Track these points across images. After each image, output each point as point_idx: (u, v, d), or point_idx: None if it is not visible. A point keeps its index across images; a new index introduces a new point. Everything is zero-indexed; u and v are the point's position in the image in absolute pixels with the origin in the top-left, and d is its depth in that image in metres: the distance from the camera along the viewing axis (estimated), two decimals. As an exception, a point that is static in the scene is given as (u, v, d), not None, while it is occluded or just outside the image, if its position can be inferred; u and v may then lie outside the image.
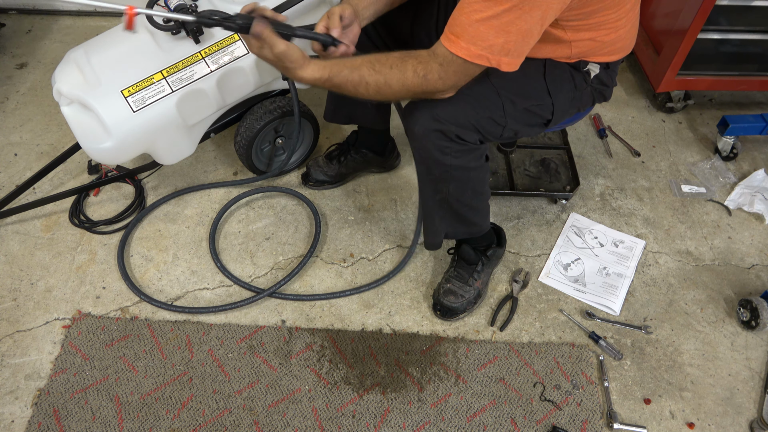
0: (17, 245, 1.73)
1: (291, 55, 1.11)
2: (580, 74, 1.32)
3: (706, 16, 1.80)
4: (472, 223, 1.49)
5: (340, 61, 1.16)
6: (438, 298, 1.58)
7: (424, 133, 1.23)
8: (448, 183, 1.34)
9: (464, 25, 1.05)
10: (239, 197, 1.84)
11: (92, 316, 1.57)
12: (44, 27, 2.50)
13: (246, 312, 1.60)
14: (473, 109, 1.23)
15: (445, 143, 1.24)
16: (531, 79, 1.28)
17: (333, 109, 1.71)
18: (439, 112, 1.21)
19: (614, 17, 1.20)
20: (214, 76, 1.55)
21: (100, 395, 1.43)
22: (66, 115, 1.49)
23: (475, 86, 1.20)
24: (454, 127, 1.22)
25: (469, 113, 1.23)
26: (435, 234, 1.51)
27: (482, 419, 1.42)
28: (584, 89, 1.34)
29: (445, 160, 1.27)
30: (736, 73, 2.03)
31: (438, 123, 1.21)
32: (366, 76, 1.13)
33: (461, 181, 1.34)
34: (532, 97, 1.29)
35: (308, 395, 1.44)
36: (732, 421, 1.42)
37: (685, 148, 2.08)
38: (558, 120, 1.37)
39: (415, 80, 1.11)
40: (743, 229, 1.83)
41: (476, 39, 1.04)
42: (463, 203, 1.40)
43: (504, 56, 1.07)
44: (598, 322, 1.59)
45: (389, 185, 1.93)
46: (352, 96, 1.17)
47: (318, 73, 1.14)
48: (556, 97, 1.31)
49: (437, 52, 1.10)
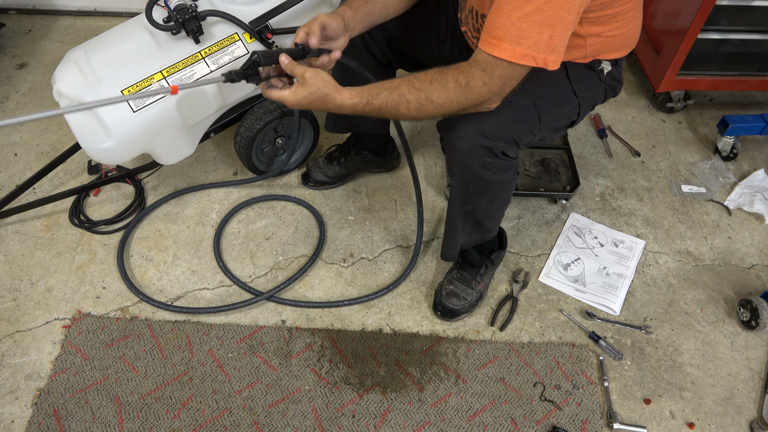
0: (17, 245, 1.73)
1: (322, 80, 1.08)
2: (594, 73, 1.32)
3: (706, 16, 1.80)
4: (489, 230, 1.49)
5: (376, 83, 1.12)
6: (440, 300, 1.58)
7: (470, 150, 1.19)
8: (481, 196, 1.32)
9: (505, 26, 1.01)
10: (246, 203, 1.84)
11: (92, 316, 1.57)
12: (44, 27, 2.50)
13: (246, 312, 1.60)
14: (516, 122, 1.21)
15: (489, 159, 1.21)
16: (559, 82, 1.27)
17: (334, 120, 1.71)
18: (487, 128, 1.17)
19: (627, 8, 1.19)
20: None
21: (100, 395, 1.43)
22: (66, 115, 1.49)
23: (515, 98, 1.17)
24: (502, 144, 1.19)
25: (513, 126, 1.20)
26: (454, 246, 1.50)
27: (482, 419, 1.42)
28: (599, 87, 1.35)
29: (486, 175, 1.24)
30: (736, 73, 2.03)
31: (485, 139, 1.17)
32: (406, 95, 1.09)
33: (494, 195, 1.33)
34: (563, 101, 1.29)
35: (308, 395, 1.44)
36: (732, 421, 1.42)
37: (685, 148, 2.08)
38: (579, 120, 1.38)
39: (457, 91, 1.07)
40: (743, 229, 1.83)
41: (520, 38, 1.00)
42: (488, 214, 1.40)
43: (550, 53, 1.03)
44: (598, 322, 1.59)
45: (389, 185, 1.93)
46: (393, 118, 1.12)
47: (356, 97, 1.10)
48: (582, 97, 1.31)
49: (478, 59, 1.06)
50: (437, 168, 1.98)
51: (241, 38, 1.57)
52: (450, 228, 1.46)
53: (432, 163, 2.00)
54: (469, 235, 1.47)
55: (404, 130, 2.09)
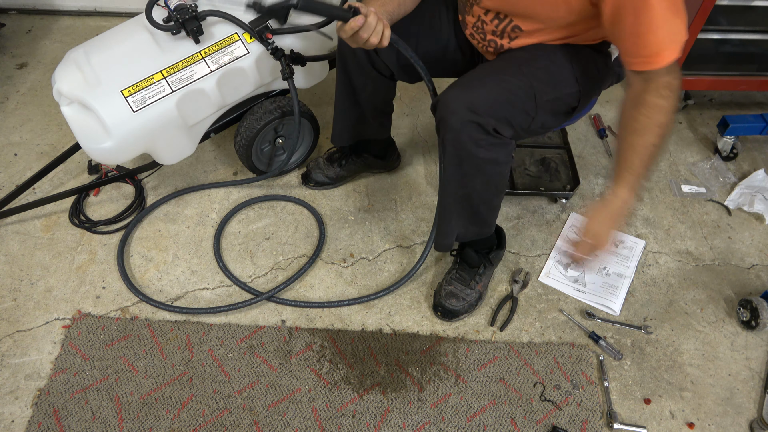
0: (17, 245, 1.73)
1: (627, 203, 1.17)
2: (602, 56, 1.31)
3: (706, 16, 1.80)
4: (486, 223, 1.48)
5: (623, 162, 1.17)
6: (440, 301, 1.58)
7: (461, 126, 1.20)
8: (476, 178, 1.31)
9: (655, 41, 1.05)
10: (246, 203, 1.85)
11: (92, 316, 1.57)
12: (44, 27, 2.50)
13: (246, 312, 1.60)
14: (508, 102, 1.21)
15: (481, 135, 1.21)
16: (559, 67, 1.27)
17: (339, 132, 1.71)
18: (477, 104, 1.18)
19: None
20: (214, 76, 1.55)
21: (100, 395, 1.43)
22: (66, 115, 1.49)
23: (511, 78, 1.18)
24: (493, 120, 1.20)
25: (505, 106, 1.21)
26: (448, 234, 1.48)
27: (482, 419, 1.42)
28: (606, 71, 1.34)
29: (479, 153, 1.24)
30: (736, 73, 2.03)
31: (476, 115, 1.18)
32: (651, 140, 1.12)
33: (489, 176, 1.32)
34: (560, 84, 1.28)
35: (308, 395, 1.44)
36: (732, 421, 1.42)
37: (685, 148, 2.08)
38: (582, 107, 1.37)
39: (666, 103, 1.11)
40: (743, 229, 1.83)
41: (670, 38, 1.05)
42: (483, 200, 1.39)
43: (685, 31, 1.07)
44: (598, 322, 1.59)
45: (389, 185, 1.93)
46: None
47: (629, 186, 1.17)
48: (583, 83, 1.30)
49: (654, 79, 1.09)
50: (437, 168, 1.98)
51: (241, 38, 1.57)
52: (443, 214, 1.44)
53: (432, 162, 2.00)
54: (466, 227, 1.45)
55: (404, 130, 2.10)
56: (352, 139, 1.74)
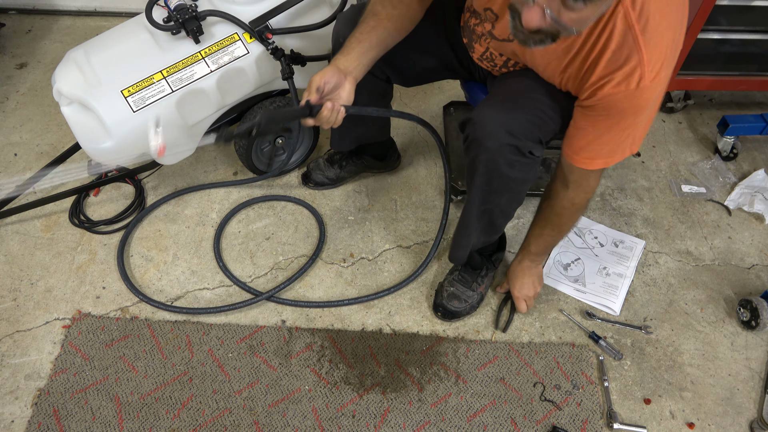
0: (17, 245, 1.73)
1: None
2: None
3: (706, 16, 1.80)
4: (498, 231, 1.48)
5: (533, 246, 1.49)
6: (441, 301, 1.58)
7: (499, 149, 1.18)
8: (501, 195, 1.30)
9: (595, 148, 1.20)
10: (246, 203, 1.85)
11: (92, 316, 1.57)
12: (44, 27, 2.50)
13: (246, 312, 1.60)
14: (542, 122, 1.21)
15: (516, 158, 1.20)
16: None
17: (339, 138, 1.71)
18: (515, 127, 1.17)
19: None
20: (214, 76, 1.55)
21: (100, 395, 1.43)
22: (66, 115, 1.49)
23: (543, 97, 1.20)
24: (530, 143, 1.18)
25: (540, 126, 1.20)
26: (464, 247, 1.47)
27: (482, 419, 1.42)
28: None
29: (511, 174, 1.22)
30: (736, 73, 2.03)
31: (514, 138, 1.17)
32: (560, 237, 1.46)
33: (515, 193, 1.32)
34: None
35: (308, 395, 1.44)
36: (732, 421, 1.42)
37: (685, 148, 2.08)
38: None
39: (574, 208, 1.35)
40: (743, 229, 1.83)
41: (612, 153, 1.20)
42: (504, 214, 1.39)
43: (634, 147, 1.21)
44: (598, 322, 1.59)
45: (389, 185, 1.93)
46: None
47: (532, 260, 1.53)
48: None
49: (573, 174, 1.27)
50: (437, 168, 1.98)
51: (241, 38, 1.57)
52: (463, 228, 1.43)
53: (432, 163, 2.00)
54: (478, 237, 1.45)
55: (404, 130, 2.10)
56: (353, 143, 1.74)
